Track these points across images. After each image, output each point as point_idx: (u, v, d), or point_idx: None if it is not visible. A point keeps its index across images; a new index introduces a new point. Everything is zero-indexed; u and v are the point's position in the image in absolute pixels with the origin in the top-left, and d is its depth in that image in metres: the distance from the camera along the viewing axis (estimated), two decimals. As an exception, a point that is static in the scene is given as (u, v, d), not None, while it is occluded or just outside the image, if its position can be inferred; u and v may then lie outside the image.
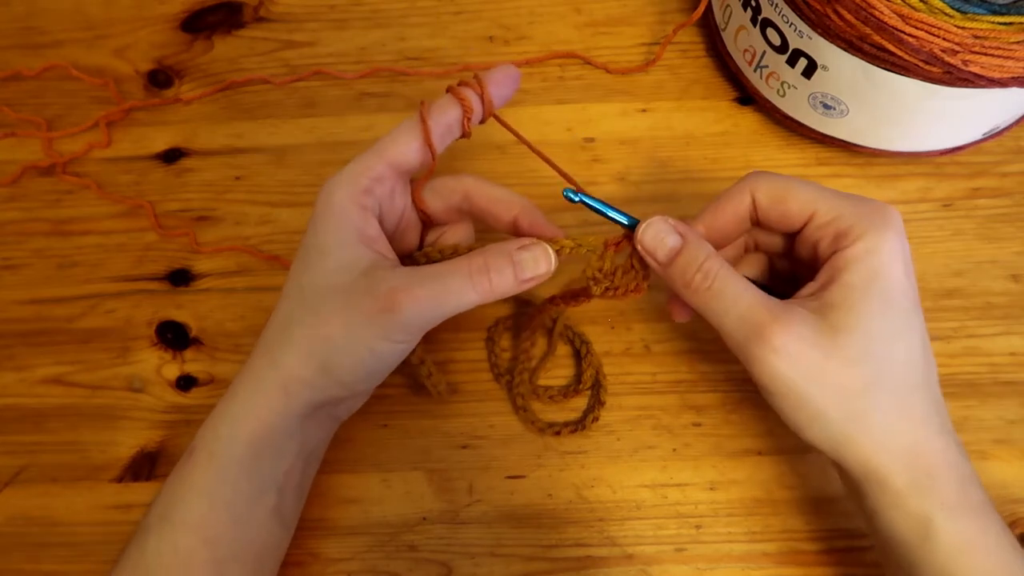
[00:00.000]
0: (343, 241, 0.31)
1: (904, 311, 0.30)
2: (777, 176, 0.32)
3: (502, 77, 0.33)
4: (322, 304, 0.31)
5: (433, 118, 0.32)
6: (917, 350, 0.30)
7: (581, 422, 0.40)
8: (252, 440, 0.32)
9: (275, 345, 0.32)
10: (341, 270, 0.31)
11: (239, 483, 0.32)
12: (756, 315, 0.29)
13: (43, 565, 0.40)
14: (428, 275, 0.30)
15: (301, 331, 0.31)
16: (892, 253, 0.29)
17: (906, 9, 0.35)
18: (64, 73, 0.50)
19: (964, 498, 0.30)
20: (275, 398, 0.32)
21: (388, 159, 0.32)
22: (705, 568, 0.38)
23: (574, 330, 0.42)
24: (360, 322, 0.30)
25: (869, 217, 0.30)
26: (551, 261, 0.32)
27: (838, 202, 0.30)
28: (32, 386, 0.43)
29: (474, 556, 0.39)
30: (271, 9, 0.51)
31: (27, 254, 0.46)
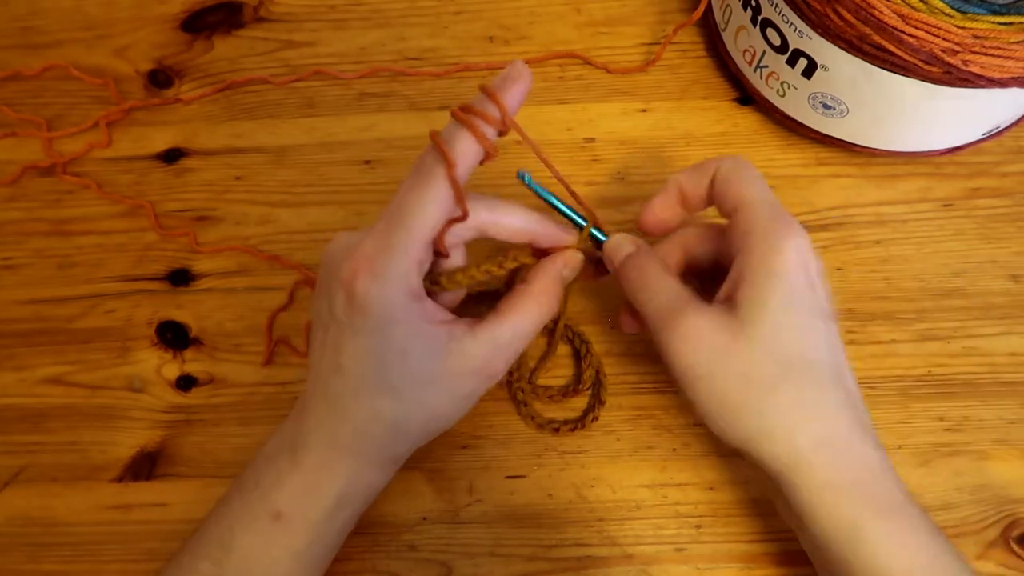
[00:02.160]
0: (417, 334, 0.31)
1: (807, 313, 0.30)
2: (739, 162, 0.33)
3: (513, 83, 0.30)
4: (427, 397, 0.32)
5: (460, 166, 0.30)
6: (824, 350, 0.31)
7: (581, 421, 0.40)
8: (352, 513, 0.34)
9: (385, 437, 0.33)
10: (428, 359, 0.31)
11: (328, 544, 0.34)
12: (670, 304, 0.31)
13: (43, 565, 0.40)
14: (510, 331, 0.32)
15: (415, 426, 0.33)
16: (791, 260, 0.30)
17: (906, 9, 0.35)
18: (64, 73, 0.50)
19: (887, 495, 0.30)
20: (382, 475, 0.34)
21: (423, 239, 0.30)
22: (705, 568, 0.38)
23: (574, 330, 0.42)
24: (471, 398, 0.33)
25: (778, 224, 0.31)
26: (581, 263, 0.35)
27: (762, 206, 0.31)
28: (32, 386, 0.43)
29: (474, 556, 0.39)
30: (271, 9, 0.51)
31: (27, 254, 0.46)
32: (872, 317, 0.42)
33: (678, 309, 0.31)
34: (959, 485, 0.39)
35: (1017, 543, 0.38)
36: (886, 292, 0.43)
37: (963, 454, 0.40)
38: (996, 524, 0.38)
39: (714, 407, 0.30)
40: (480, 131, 0.30)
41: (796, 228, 0.31)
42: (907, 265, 0.43)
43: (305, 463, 0.32)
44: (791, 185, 0.45)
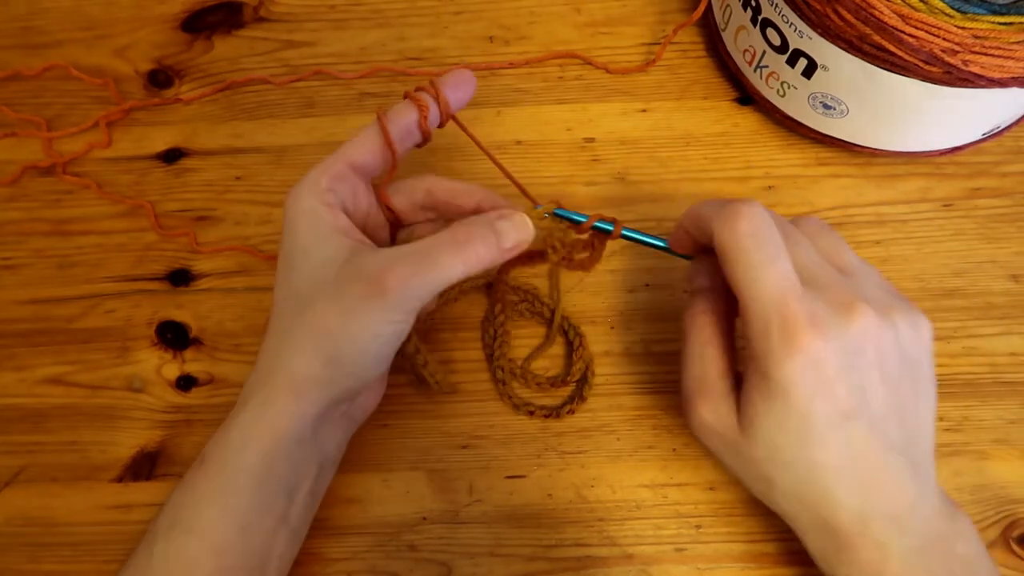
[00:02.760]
0: (320, 237, 0.32)
1: (805, 430, 0.29)
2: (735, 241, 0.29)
3: (457, 80, 0.34)
4: (316, 300, 0.31)
5: (391, 121, 0.33)
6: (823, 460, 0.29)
7: (556, 410, 0.41)
8: (264, 448, 0.31)
9: (279, 350, 0.32)
10: (326, 263, 0.31)
11: (250, 493, 0.31)
12: (698, 382, 0.32)
13: (43, 565, 0.40)
14: (413, 251, 0.31)
15: (300, 330, 0.31)
16: (787, 382, 0.28)
17: (906, 9, 0.35)
18: (64, 73, 0.50)
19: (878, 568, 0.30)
20: (287, 402, 0.32)
21: (346, 159, 0.33)
22: (705, 568, 0.38)
23: (570, 322, 0.42)
24: (355, 308, 0.30)
25: (771, 342, 0.28)
26: (529, 228, 0.33)
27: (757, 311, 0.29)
28: (32, 386, 0.43)
29: (474, 556, 0.39)
30: (271, 9, 0.51)
31: (27, 254, 0.46)
32: (872, 317, 0.42)
33: (699, 391, 0.32)
34: (959, 485, 0.39)
35: (1017, 543, 0.38)
36: (886, 292, 0.43)
37: (963, 454, 0.40)
38: (996, 524, 0.38)
39: (741, 478, 0.33)
40: (419, 100, 0.33)
41: (792, 336, 0.28)
42: (907, 265, 0.43)
43: (243, 410, 0.33)
44: (791, 185, 0.45)
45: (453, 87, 0.34)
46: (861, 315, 0.29)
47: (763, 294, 0.28)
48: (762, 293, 0.28)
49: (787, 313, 0.28)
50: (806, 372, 0.28)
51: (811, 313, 0.28)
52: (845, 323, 0.28)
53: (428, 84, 0.34)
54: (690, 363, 0.33)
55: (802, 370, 0.28)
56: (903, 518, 0.30)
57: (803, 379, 0.28)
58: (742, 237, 0.29)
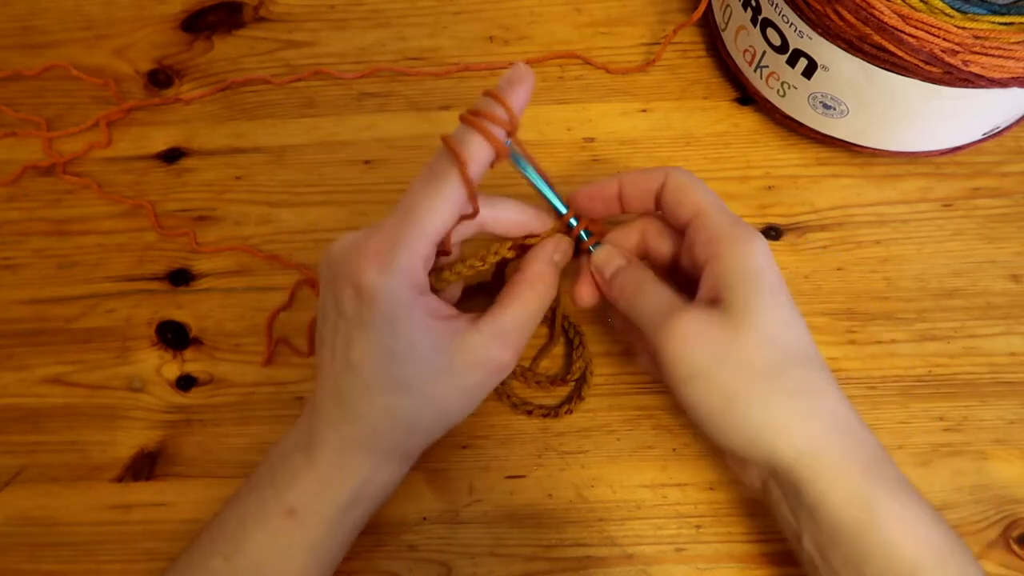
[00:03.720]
0: (423, 329, 0.31)
1: (789, 306, 0.31)
2: (689, 175, 0.34)
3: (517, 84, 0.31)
4: (436, 391, 0.32)
5: (472, 168, 0.30)
6: (809, 340, 0.32)
7: (555, 409, 0.41)
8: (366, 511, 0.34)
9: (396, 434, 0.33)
10: (434, 353, 0.31)
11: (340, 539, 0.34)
12: (666, 307, 0.32)
13: (43, 565, 0.40)
14: (512, 320, 0.33)
15: (425, 421, 0.33)
16: (762, 257, 0.31)
17: (906, 9, 0.35)
18: (64, 73, 0.50)
19: (894, 476, 0.30)
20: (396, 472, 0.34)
21: (431, 236, 0.31)
22: (705, 568, 0.38)
23: (570, 321, 0.42)
24: (479, 391, 0.33)
25: (739, 228, 0.32)
26: (571, 247, 0.36)
27: (718, 212, 0.32)
28: (32, 386, 0.43)
29: (474, 556, 0.39)
30: (271, 9, 0.51)
31: (27, 254, 0.46)
32: (872, 317, 0.42)
33: (674, 312, 0.31)
34: (959, 485, 0.39)
35: (1017, 543, 0.38)
36: (886, 292, 0.43)
37: (963, 454, 0.40)
38: (996, 524, 0.38)
39: (715, 406, 0.30)
40: (489, 132, 0.30)
41: (757, 232, 0.32)
42: (907, 265, 0.43)
43: (320, 461, 0.32)
44: (791, 185, 0.45)
45: (517, 95, 0.31)
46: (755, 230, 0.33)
47: (717, 203, 0.33)
48: (716, 203, 0.33)
49: (736, 219, 0.32)
50: (769, 251, 0.31)
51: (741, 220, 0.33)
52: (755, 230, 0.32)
53: (493, 100, 0.31)
54: (646, 304, 0.33)
55: (767, 247, 0.31)
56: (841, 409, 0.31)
57: (770, 256, 0.31)
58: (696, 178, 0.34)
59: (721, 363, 0.30)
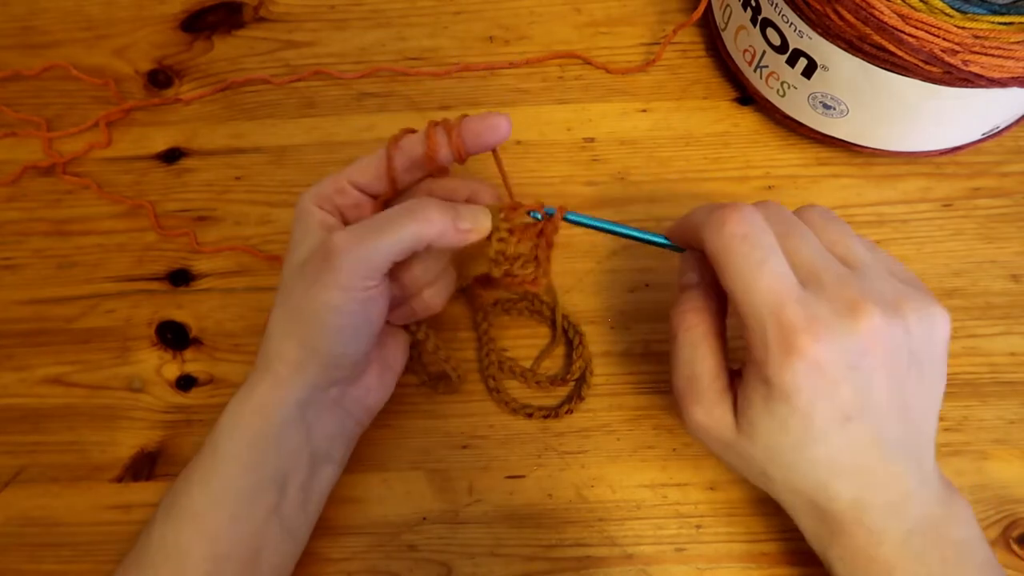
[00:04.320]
0: (307, 231, 0.34)
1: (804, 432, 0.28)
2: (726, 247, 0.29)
3: (483, 128, 0.33)
4: (289, 283, 0.33)
5: (401, 150, 0.34)
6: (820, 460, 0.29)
7: (555, 410, 0.41)
8: (250, 432, 0.33)
9: (266, 337, 0.34)
10: (305, 251, 0.33)
11: (237, 479, 0.32)
12: (690, 386, 0.31)
13: (43, 565, 0.40)
14: (366, 221, 0.32)
15: (278, 314, 0.34)
16: (787, 387, 0.27)
17: (906, 9, 0.35)
18: (64, 73, 0.50)
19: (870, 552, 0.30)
20: (269, 386, 0.33)
21: (350, 179, 0.34)
22: (705, 568, 0.38)
23: (570, 321, 0.42)
24: (312, 281, 0.32)
25: (770, 348, 0.27)
26: (488, 223, 0.33)
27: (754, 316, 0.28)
28: (32, 386, 0.43)
29: (474, 556, 0.39)
30: (271, 9, 0.51)
31: (27, 254, 0.46)
32: (872, 317, 0.42)
33: (692, 395, 0.31)
34: (959, 485, 0.39)
35: (1017, 543, 0.38)
36: (886, 292, 0.43)
37: (963, 454, 0.40)
38: (996, 524, 0.38)
39: (742, 472, 0.33)
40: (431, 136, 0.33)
41: (790, 343, 0.27)
42: (907, 265, 0.43)
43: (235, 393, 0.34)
44: (791, 185, 0.45)
45: (477, 134, 0.33)
46: (867, 316, 0.28)
47: (757, 298, 0.28)
48: (756, 297, 0.28)
49: (783, 318, 0.27)
50: (807, 377, 0.27)
51: (811, 316, 0.27)
52: (849, 325, 0.27)
53: (451, 123, 0.33)
54: (681, 364, 0.32)
55: (803, 375, 0.27)
56: (899, 505, 0.30)
57: (804, 384, 0.27)
58: (732, 239, 0.29)
59: (724, 455, 0.32)
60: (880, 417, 0.29)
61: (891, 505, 0.30)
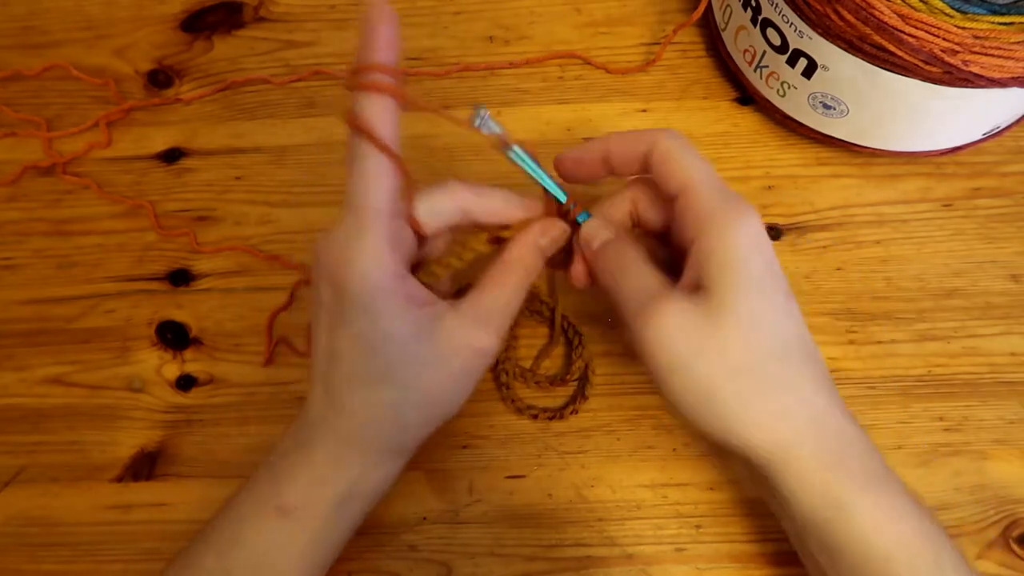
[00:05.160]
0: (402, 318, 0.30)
1: (774, 294, 0.30)
2: (682, 141, 0.32)
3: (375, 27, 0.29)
4: (421, 381, 0.31)
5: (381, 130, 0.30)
6: (794, 328, 0.31)
7: (560, 411, 0.41)
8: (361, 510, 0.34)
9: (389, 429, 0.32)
10: (416, 342, 0.31)
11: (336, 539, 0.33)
12: (646, 293, 0.31)
13: (43, 565, 0.40)
14: (490, 303, 0.32)
15: (416, 414, 0.32)
16: (748, 243, 0.30)
17: (906, 9, 0.35)
18: (64, 73, 0.50)
19: (870, 469, 0.30)
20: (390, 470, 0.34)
21: (381, 211, 0.30)
22: (705, 568, 0.38)
23: (569, 321, 0.42)
24: (463, 377, 0.32)
25: (728, 207, 0.30)
26: (566, 231, 0.34)
27: (708, 188, 0.31)
28: (32, 386, 0.43)
29: (474, 556, 0.39)
30: (271, 9, 0.51)
31: (27, 254, 0.46)
32: (872, 317, 0.42)
33: (653, 300, 0.30)
34: (959, 485, 0.39)
35: (1017, 543, 0.38)
36: (886, 292, 0.43)
37: (963, 454, 0.40)
38: (996, 524, 0.38)
39: (692, 399, 0.30)
40: (375, 83, 0.29)
41: (748, 209, 0.30)
42: (907, 265, 0.43)
43: (314, 457, 0.32)
44: (791, 185, 0.45)
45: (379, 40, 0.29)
46: (751, 207, 0.31)
47: (711, 177, 0.31)
48: (710, 176, 0.31)
49: (735, 193, 0.31)
50: (762, 235, 0.30)
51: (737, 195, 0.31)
52: (750, 207, 0.31)
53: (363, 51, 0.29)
54: (627, 283, 0.31)
55: (761, 232, 0.30)
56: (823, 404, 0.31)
57: (762, 240, 0.30)
58: (687, 143, 0.32)
59: (698, 357, 0.29)
60: None
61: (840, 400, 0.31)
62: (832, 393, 0.31)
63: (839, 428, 0.30)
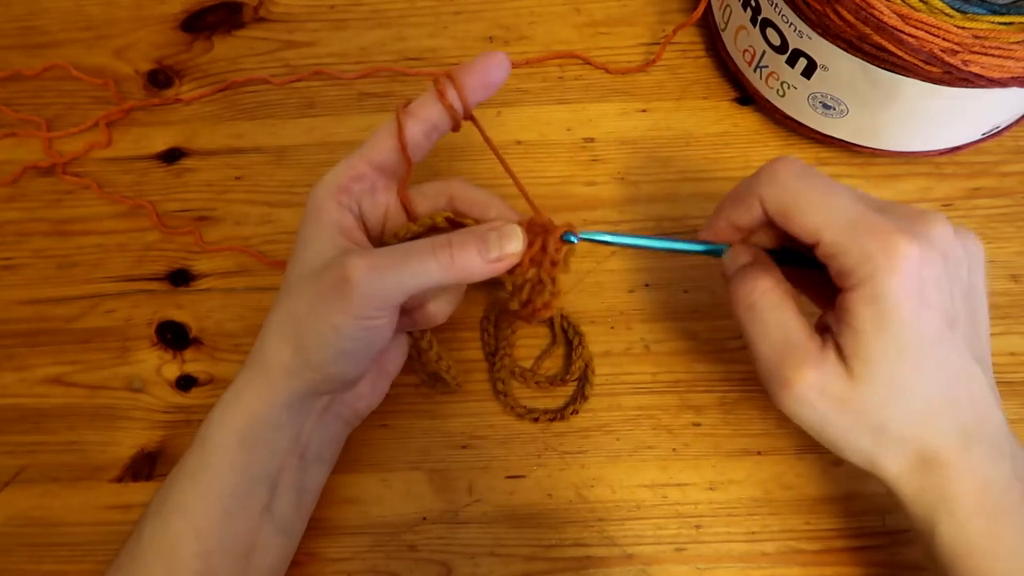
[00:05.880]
0: (319, 232, 0.33)
1: (921, 351, 0.28)
2: (786, 185, 0.30)
3: (483, 66, 0.33)
4: (296, 289, 0.32)
5: (415, 117, 0.33)
6: (942, 380, 0.29)
7: (560, 412, 0.41)
8: (240, 430, 0.32)
9: (261, 335, 0.33)
10: (315, 256, 0.32)
11: (227, 475, 0.32)
12: (783, 356, 0.29)
13: (43, 565, 0.40)
14: (389, 250, 0.31)
15: (277, 317, 0.33)
16: (898, 298, 0.27)
17: (906, 9, 0.35)
18: (64, 73, 0.50)
19: (982, 501, 0.29)
20: (260, 385, 0.33)
21: (367, 157, 0.34)
22: (705, 568, 0.38)
23: (569, 321, 0.42)
24: (321, 299, 0.31)
25: (873, 260, 0.27)
26: (519, 239, 0.31)
27: (843, 237, 0.28)
28: (32, 386, 0.43)
29: (474, 556, 0.39)
30: (271, 9, 0.51)
31: (27, 254, 0.46)
32: (872, 317, 0.42)
33: (800, 357, 0.29)
34: (959, 485, 0.39)
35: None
36: (886, 292, 0.43)
37: (963, 454, 0.40)
38: (996, 524, 0.38)
39: (824, 439, 0.31)
40: (440, 87, 0.32)
41: (894, 254, 0.27)
42: (907, 265, 0.43)
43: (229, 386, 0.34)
44: (791, 185, 0.45)
45: (480, 73, 0.33)
46: (936, 220, 0.28)
47: (841, 216, 0.28)
48: (840, 216, 0.28)
49: (875, 225, 0.27)
50: (912, 281, 0.27)
51: (894, 221, 0.27)
52: (926, 229, 0.28)
53: (452, 72, 0.33)
54: (769, 330, 0.30)
55: (909, 279, 0.27)
56: (996, 440, 0.30)
57: (910, 290, 0.27)
58: (792, 179, 0.29)
59: (833, 423, 0.29)
60: (966, 329, 0.29)
61: (990, 439, 0.30)
62: (961, 434, 0.29)
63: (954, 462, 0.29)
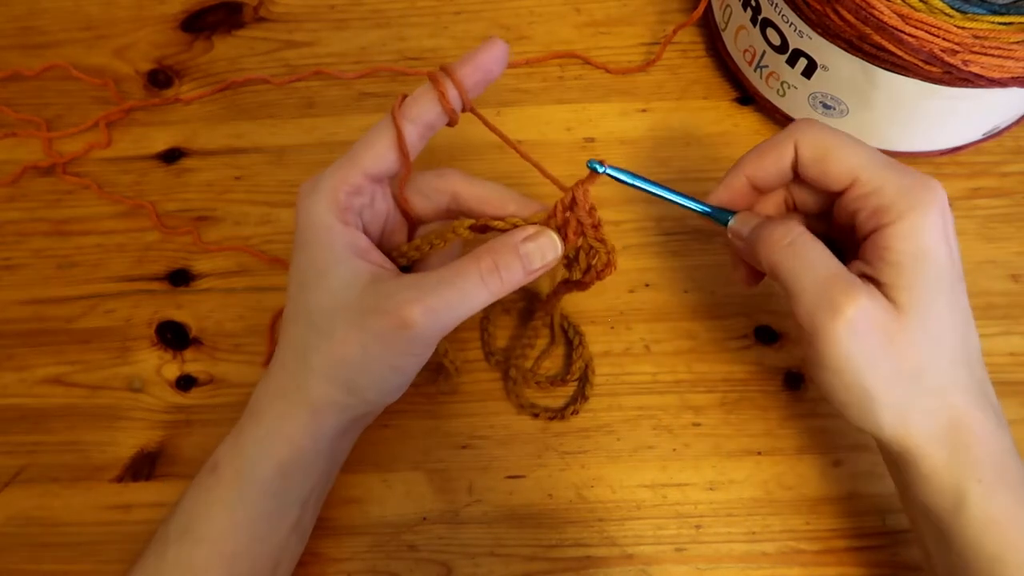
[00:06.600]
0: (338, 259, 0.30)
1: (951, 290, 0.29)
2: (823, 129, 0.31)
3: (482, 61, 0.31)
4: (334, 327, 0.30)
5: (410, 117, 0.31)
6: (961, 328, 0.30)
7: (561, 411, 0.41)
8: (282, 463, 0.32)
9: (297, 371, 0.32)
10: (344, 288, 0.30)
11: (264, 504, 0.32)
12: (833, 284, 0.29)
13: (43, 565, 0.40)
14: (437, 283, 0.30)
15: (319, 357, 0.31)
16: (935, 234, 0.28)
17: (906, 9, 0.35)
18: (64, 73, 0.50)
19: (1001, 471, 0.29)
20: (305, 423, 0.32)
21: (363, 168, 0.31)
22: (705, 568, 0.38)
23: (569, 320, 0.42)
24: (376, 342, 0.30)
25: (911, 194, 0.29)
26: (557, 248, 0.31)
27: (881, 173, 0.29)
28: (32, 386, 0.43)
29: (474, 556, 0.39)
30: (271, 9, 0.51)
31: (27, 254, 0.46)
32: (872, 317, 0.42)
33: (841, 291, 0.28)
34: (959, 485, 0.39)
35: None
36: (886, 292, 0.43)
37: (963, 454, 0.40)
38: (996, 524, 0.38)
39: (853, 399, 0.30)
40: (441, 88, 0.30)
41: (929, 190, 0.29)
42: (907, 265, 0.43)
43: (245, 415, 0.33)
44: (791, 185, 0.45)
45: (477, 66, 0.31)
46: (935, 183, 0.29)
47: (877, 157, 0.30)
48: (876, 157, 0.30)
49: (907, 168, 0.29)
50: (943, 219, 0.29)
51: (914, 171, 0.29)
52: (935, 185, 0.29)
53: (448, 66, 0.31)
54: (812, 267, 0.29)
55: (942, 216, 0.29)
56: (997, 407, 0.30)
57: (943, 228, 0.29)
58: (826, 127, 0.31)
59: (871, 365, 0.29)
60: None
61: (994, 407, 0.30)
62: (976, 390, 0.30)
63: (979, 428, 0.29)
